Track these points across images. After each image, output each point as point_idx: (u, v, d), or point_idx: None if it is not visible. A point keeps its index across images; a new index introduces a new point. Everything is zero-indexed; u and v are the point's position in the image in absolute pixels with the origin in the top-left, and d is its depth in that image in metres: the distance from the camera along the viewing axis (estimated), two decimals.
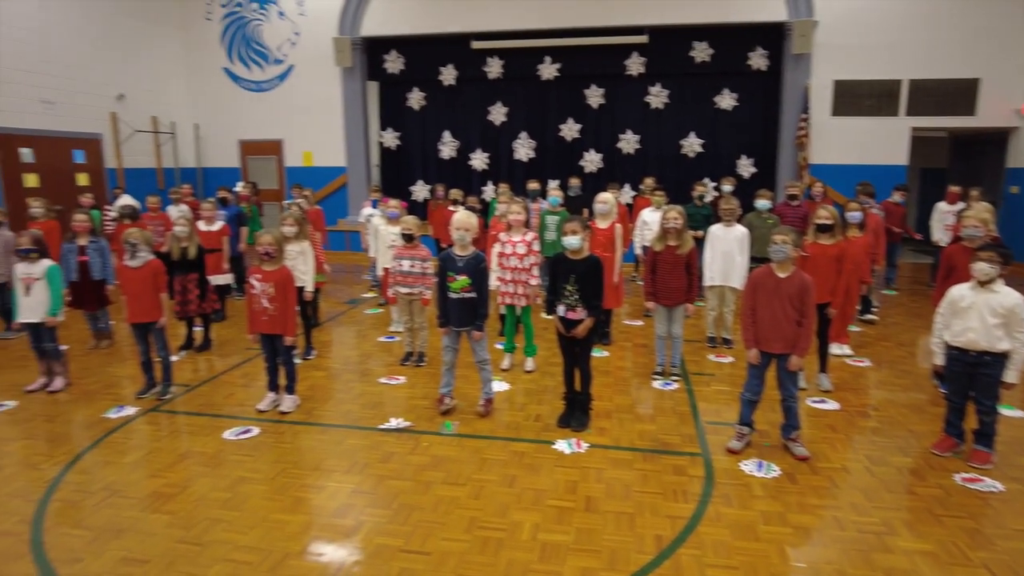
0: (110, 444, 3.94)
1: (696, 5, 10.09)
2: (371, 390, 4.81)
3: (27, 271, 4.68)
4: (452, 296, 4.03)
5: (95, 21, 10.28)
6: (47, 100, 9.48)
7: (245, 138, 12.26)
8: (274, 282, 4.13)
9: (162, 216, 7.81)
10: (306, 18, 11.55)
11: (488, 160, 11.67)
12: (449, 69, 11.42)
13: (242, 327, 6.60)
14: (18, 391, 4.83)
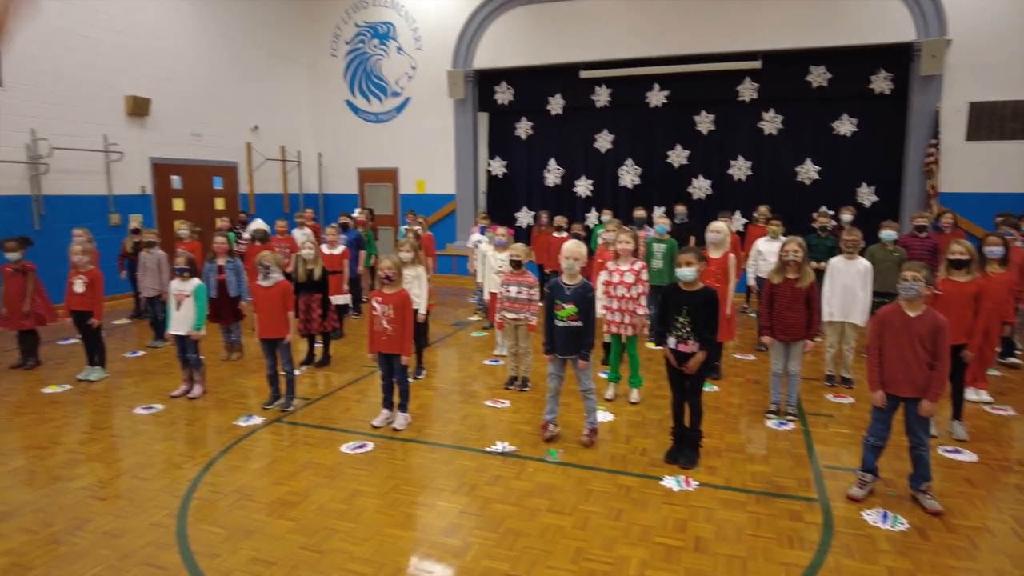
0: (239, 450, 4.26)
1: (813, 29, 9.74)
2: (477, 412, 4.92)
3: (180, 288, 5.19)
4: (559, 324, 4.08)
5: (237, 61, 11.34)
6: (195, 133, 10.55)
7: (363, 166, 13.02)
8: (393, 304, 4.35)
9: (288, 239, 8.43)
10: (423, 53, 12.16)
11: (592, 187, 11.72)
12: (557, 99, 11.62)
13: (357, 345, 7.01)
14: (164, 396, 5.34)
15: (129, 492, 3.66)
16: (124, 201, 9.45)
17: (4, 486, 3.75)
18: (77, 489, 3.71)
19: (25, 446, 4.36)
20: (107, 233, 8.90)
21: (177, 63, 10.19)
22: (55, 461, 4.11)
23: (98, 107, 8.99)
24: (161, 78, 9.89)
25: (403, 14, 12.23)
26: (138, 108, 9.43)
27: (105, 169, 9.15)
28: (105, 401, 5.30)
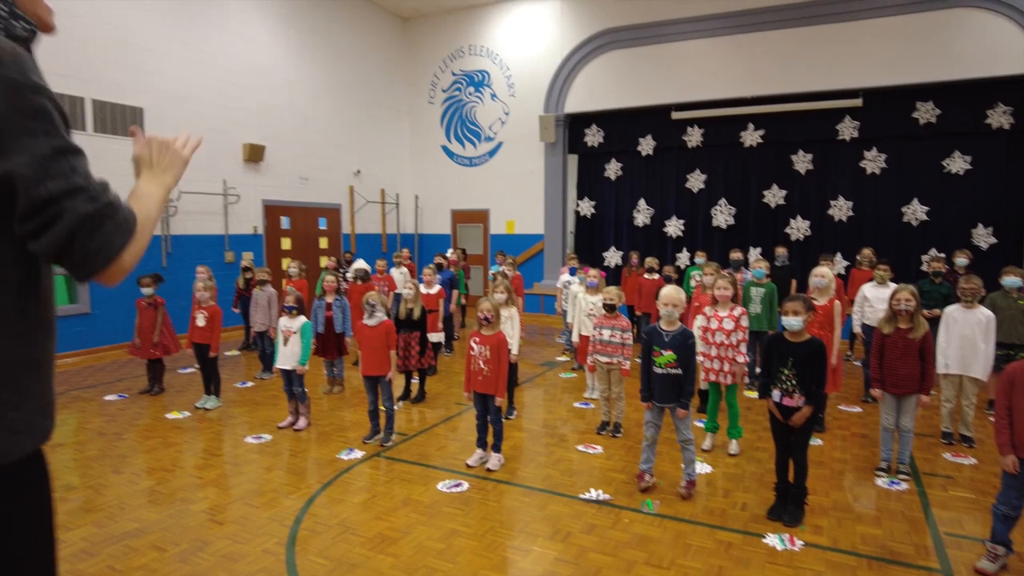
0: (341, 483, 4.45)
1: (920, 64, 9.34)
2: (569, 456, 4.92)
3: (288, 325, 5.53)
4: (657, 371, 4.05)
5: (343, 111, 12.13)
6: (304, 177, 11.30)
7: (456, 207, 13.48)
8: (491, 346, 4.47)
9: (387, 278, 8.81)
10: (515, 99, 12.56)
11: (684, 227, 11.59)
12: (648, 140, 11.66)
13: (449, 382, 7.18)
14: (272, 426, 5.66)
15: (242, 518, 3.89)
16: (238, 240, 10.20)
17: (136, 504, 4.08)
18: (197, 512, 3.98)
19: (152, 468, 4.73)
20: (222, 269, 9.61)
21: (290, 113, 11.01)
22: (178, 484, 4.43)
23: (220, 154, 9.83)
24: (275, 127, 10.71)
25: (498, 62, 12.71)
26: (254, 155, 10.24)
27: (223, 211, 9.94)
28: (219, 429, 5.67)
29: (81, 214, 1.06)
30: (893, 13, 9.46)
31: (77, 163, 1.10)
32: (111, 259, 1.11)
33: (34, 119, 1.06)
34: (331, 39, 11.79)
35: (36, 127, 1.06)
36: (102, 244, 1.09)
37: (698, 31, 10.78)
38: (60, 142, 1.08)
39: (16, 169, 1.03)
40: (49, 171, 1.04)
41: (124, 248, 1.12)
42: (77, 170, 1.09)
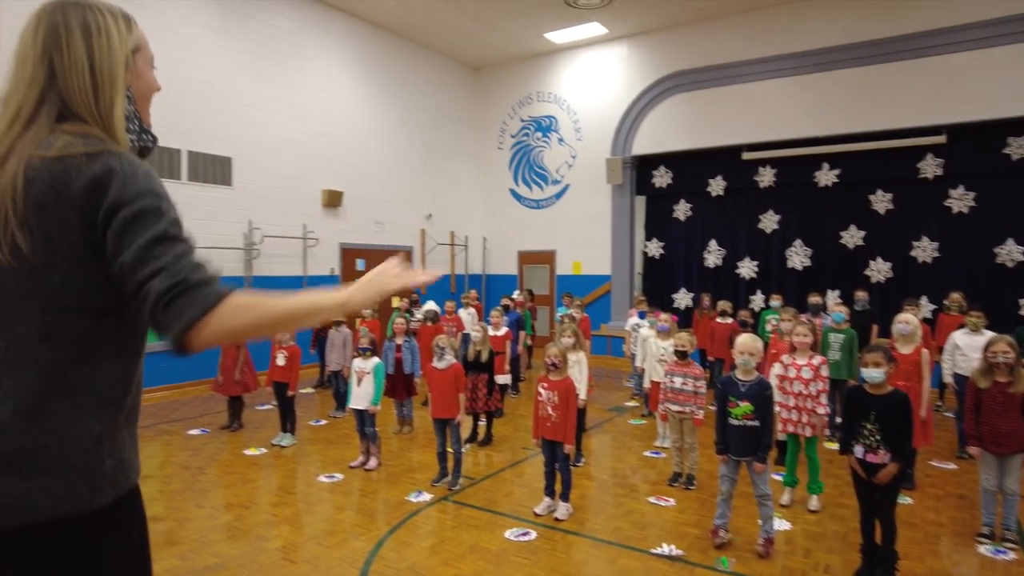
0: (410, 526, 4.47)
1: (1011, 97, 8.89)
2: (640, 508, 4.78)
3: (361, 366, 5.68)
4: (733, 423, 3.92)
5: (416, 157, 12.60)
6: (378, 221, 11.74)
7: (523, 249, 13.63)
8: (558, 391, 4.45)
9: (456, 318, 8.94)
10: (582, 143, 12.72)
11: (757, 268, 11.30)
12: (718, 180, 11.53)
13: (516, 425, 7.16)
14: (343, 465, 5.77)
15: (315, 558, 3.96)
16: (316, 281, 10.62)
17: (215, 539, 4.22)
18: (272, 550, 4.08)
19: (230, 503, 4.90)
20: None
21: (366, 160, 11.52)
22: (254, 520, 4.56)
23: (300, 200, 10.34)
24: (352, 174, 11.21)
25: (565, 108, 12.94)
26: (332, 200, 10.73)
27: (303, 253, 10.40)
28: (293, 467, 5.83)
29: (157, 291, 1.19)
30: (977, 47, 9.10)
31: (173, 247, 1.23)
32: (183, 331, 1.19)
33: (149, 217, 1.23)
34: (406, 90, 12.33)
35: (149, 222, 1.22)
36: (173, 318, 1.19)
37: (768, 72, 10.68)
38: (162, 231, 1.23)
39: (125, 261, 1.21)
40: (145, 257, 1.20)
41: (196, 321, 1.18)
42: (169, 252, 1.22)
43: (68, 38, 1.30)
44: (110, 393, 1.31)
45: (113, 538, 1.32)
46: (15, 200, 1.19)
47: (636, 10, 10.96)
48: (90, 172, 1.21)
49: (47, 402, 1.21)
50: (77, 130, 1.27)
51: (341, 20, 11.05)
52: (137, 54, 1.42)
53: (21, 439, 1.19)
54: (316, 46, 10.65)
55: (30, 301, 1.23)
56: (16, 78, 1.30)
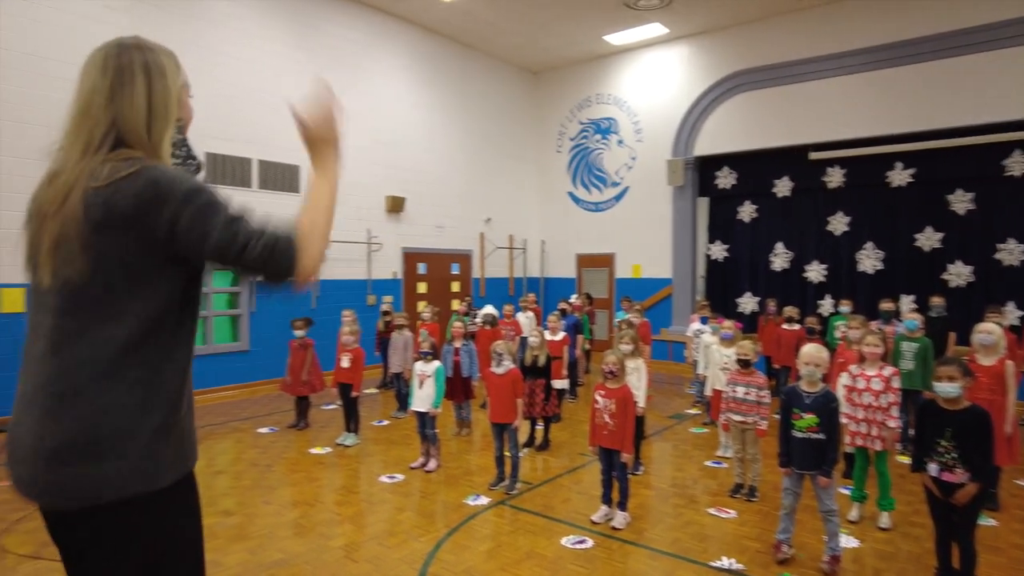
0: (468, 530, 4.53)
1: None
2: (699, 520, 4.70)
3: (423, 369, 5.80)
4: (796, 435, 3.80)
5: (475, 162, 12.75)
6: (439, 225, 11.95)
7: (581, 252, 13.58)
8: (616, 400, 4.42)
9: (514, 322, 9.00)
10: (643, 144, 12.56)
11: (826, 272, 10.90)
12: (784, 181, 11.18)
13: (573, 431, 7.14)
14: (404, 466, 5.90)
15: (375, 558, 4.07)
16: (379, 284, 10.90)
17: (283, 536, 4.40)
18: (335, 548, 4.22)
19: (296, 501, 5.09)
20: (364, 312, 10.27)
21: (428, 166, 11.74)
22: (319, 518, 4.72)
23: (365, 206, 10.64)
24: (414, 180, 11.45)
25: (625, 109, 12.82)
26: (395, 206, 10.98)
27: (367, 258, 10.69)
28: (356, 466, 6.00)
29: (254, 257, 1.43)
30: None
31: (242, 221, 1.45)
32: (291, 273, 1.45)
33: (207, 209, 1.44)
34: (466, 96, 12.50)
35: (211, 213, 1.44)
36: (280, 267, 1.44)
37: (836, 68, 10.29)
38: (227, 215, 1.45)
39: (218, 245, 1.44)
40: (230, 237, 1.43)
41: (295, 260, 1.45)
42: (243, 226, 1.44)
43: (132, 79, 1.50)
44: (167, 389, 1.49)
45: (173, 514, 1.54)
46: (77, 226, 1.39)
47: (697, 10, 10.76)
48: (135, 188, 1.40)
49: (113, 396, 1.41)
50: (123, 156, 1.46)
51: (402, 29, 11.30)
52: (184, 89, 1.64)
53: (95, 430, 1.39)
54: (379, 56, 10.93)
55: (98, 312, 1.42)
56: (85, 112, 1.48)
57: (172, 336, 1.51)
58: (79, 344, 1.41)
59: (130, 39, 1.57)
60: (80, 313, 1.42)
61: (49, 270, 1.43)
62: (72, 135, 1.49)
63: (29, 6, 7.14)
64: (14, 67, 7.06)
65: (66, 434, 1.37)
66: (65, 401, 1.39)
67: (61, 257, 1.40)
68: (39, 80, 7.19)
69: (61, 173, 1.46)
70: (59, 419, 1.38)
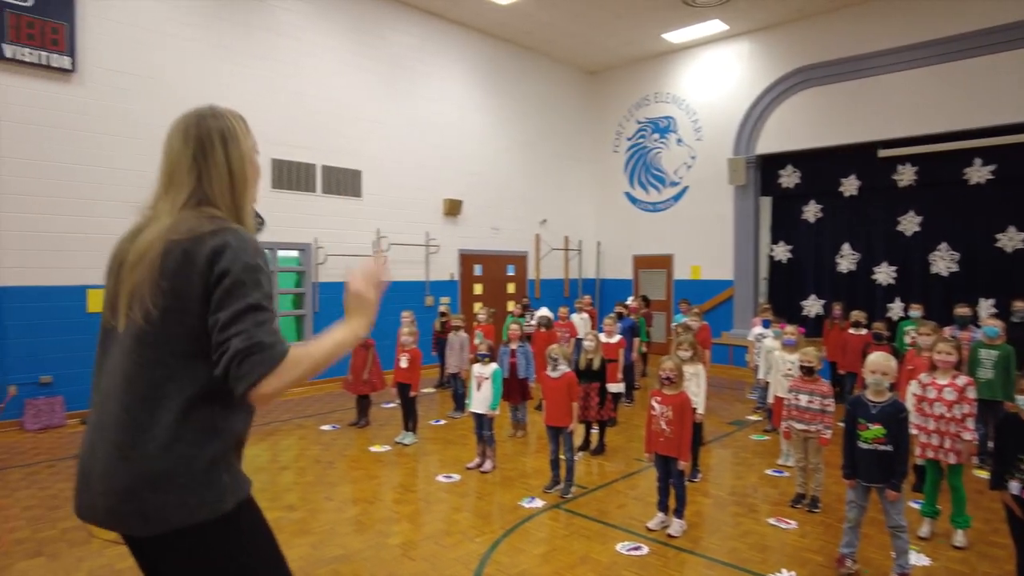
0: (523, 532, 4.56)
1: None
2: (758, 530, 4.59)
3: (480, 371, 5.88)
4: (862, 446, 3.67)
5: (532, 164, 12.80)
6: (495, 227, 12.06)
7: (638, 253, 13.43)
8: (673, 406, 4.37)
9: (569, 324, 8.99)
10: (702, 143, 12.33)
11: (896, 274, 10.44)
12: (851, 180, 10.78)
13: (630, 435, 7.09)
14: (460, 466, 5.99)
15: (432, 557, 4.15)
16: (437, 286, 11.08)
17: (344, 532, 4.54)
18: (393, 545, 4.33)
19: (356, 498, 5.23)
20: (422, 312, 10.45)
21: (484, 169, 11.86)
22: (378, 515, 4.85)
23: (423, 209, 10.84)
24: (470, 182, 11.59)
25: (684, 107, 12.61)
26: (452, 208, 11.15)
27: (425, 259, 10.89)
28: (414, 465, 6.12)
29: (234, 349, 1.47)
30: None
31: (260, 316, 1.51)
32: (250, 386, 1.47)
33: (249, 287, 1.53)
34: (522, 98, 12.56)
35: (246, 292, 1.52)
36: (244, 374, 1.47)
37: (908, 61, 9.84)
38: (255, 301, 1.52)
39: (219, 319, 1.50)
40: (234, 319, 1.49)
41: (262, 378, 1.46)
42: (254, 319, 1.50)
43: (211, 147, 1.65)
44: (224, 423, 1.60)
45: (239, 534, 1.64)
46: (153, 274, 1.52)
47: (758, 5, 10.49)
48: (211, 244, 1.53)
49: (177, 433, 1.52)
50: (205, 214, 1.60)
51: (459, 34, 11.45)
52: (253, 148, 1.76)
53: (162, 464, 1.51)
54: (437, 61, 11.11)
55: (165, 350, 1.54)
56: (171, 177, 1.65)
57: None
58: (143, 388, 1.54)
59: (207, 109, 1.71)
60: (149, 348, 1.55)
61: (124, 314, 1.56)
62: (161, 197, 1.65)
63: (110, 24, 7.59)
64: (97, 82, 7.52)
65: (136, 471, 1.50)
66: (134, 441, 1.51)
67: (135, 304, 1.53)
68: (121, 95, 7.63)
69: (145, 230, 1.60)
70: (129, 457, 1.51)
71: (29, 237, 7.11)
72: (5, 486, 5.37)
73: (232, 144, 1.67)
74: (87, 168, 7.44)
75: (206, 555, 1.58)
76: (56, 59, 7.16)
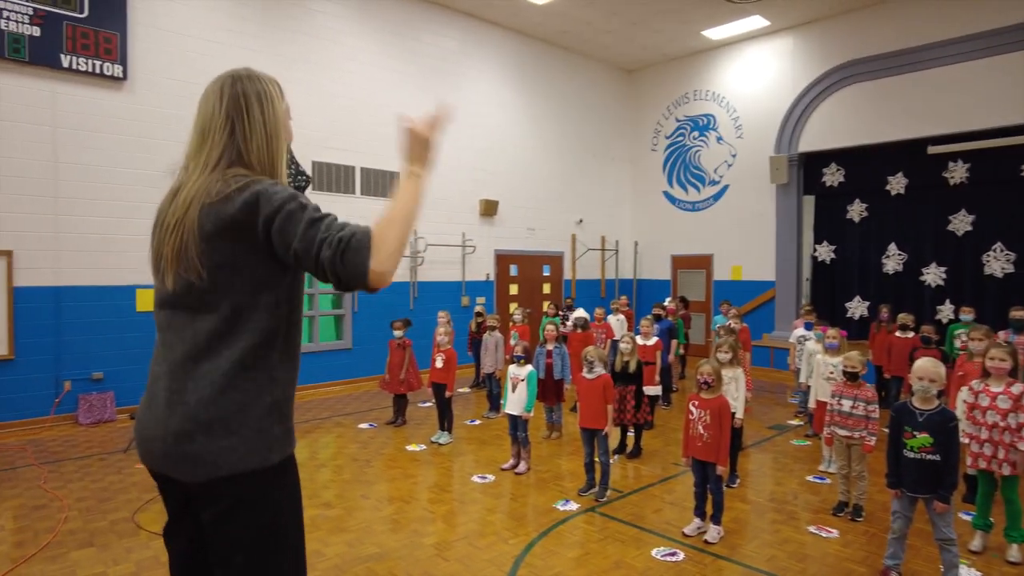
0: (557, 535, 4.55)
1: None
2: (798, 538, 4.48)
3: (516, 373, 5.88)
4: (908, 455, 3.55)
5: (568, 164, 12.74)
6: (531, 228, 12.05)
7: (677, 253, 13.25)
8: (711, 410, 4.30)
9: (605, 325, 8.93)
10: (743, 141, 12.10)
11: (945, 275, 10.08)
12: (898, 178, 10.44)
13: (666, 439, 7.00)
14: (495, 467, 6.00)
15: (466, 557, 4.17)
16: (472, 286, 11.13)
17: (380, 530, 4.59)
18: (427, 545, 4.36)
19: (392, 497, 5.29)
20: (458, 312, 10.54)
21: (520, 169, 11.86)
22: (413, 515, 4.90)
23: (460, 210, 10.90)
24: (507, 183, 11.61)
25: (724, 105, 12.40)
26: (488, 209, 11.18)
27: (461, 260, 10.95)
28: (449, 465, 6.16)
29: (328, 258, 1.50)
30: None
31: (324, 222, 1.56)
32: (364, 275, 1.49)
33: (296, 213, 1.57)
34: (558, 97, 12.52)
35: (298, 216, 1.56)
36: (351, 268, 1.49)
37: (959, 54, 9.47)
38: (309, 218, 1.56)
39: (297, 249, 1.55)
40: (310, 241, 1.53)
41: (367, 262, 1.49)
42: (325, 227, 1.54)
43: (247, 106, 1.69)
44: (279, 373, 1.67)
45: (280, 490, 1.68)
46: (193, 237, 1.58)
47: (800, 0, 10.26)
48: (241, 198, 1.58)
49: (234, 380, 1.59)
50: (231, 174, 1.63)
51: (497, 34, 11.47)
52: (286, 112, 1.81)
53: (217, 409, 1.57)
54: (475, 62, 11.15)
55: (218, 305, 1.60)
56: (204, 136, 1.68)
57: (285, 333, 1.68)
58: (200, 338, 1.60)
59: (243, 70, 1.74)
60: (200, 313, 1.61)
61: (172, 276, 1.62)
62: (193, 156, 1.69)
63: (158, 33, 7.84)
64: (146, 89, 7.77)
65: (190, 414, 1.56)
66: (190, 387, 1.58)
67: (181, 265, 1.59)
68: (168, 101, 7.87)
69: (182, 189, 1.65)
70: (185, 401, 1.57)
71: (83, 239, 7.40)
72: (60, 477, 5.60)
73: (268, 105, 1.72)
74: (136, 172, 7.70)
75: (249, 506, 1.61)
76: (109, 67, 7.42)
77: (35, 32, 6.97)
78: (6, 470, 5.80)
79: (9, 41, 6.83)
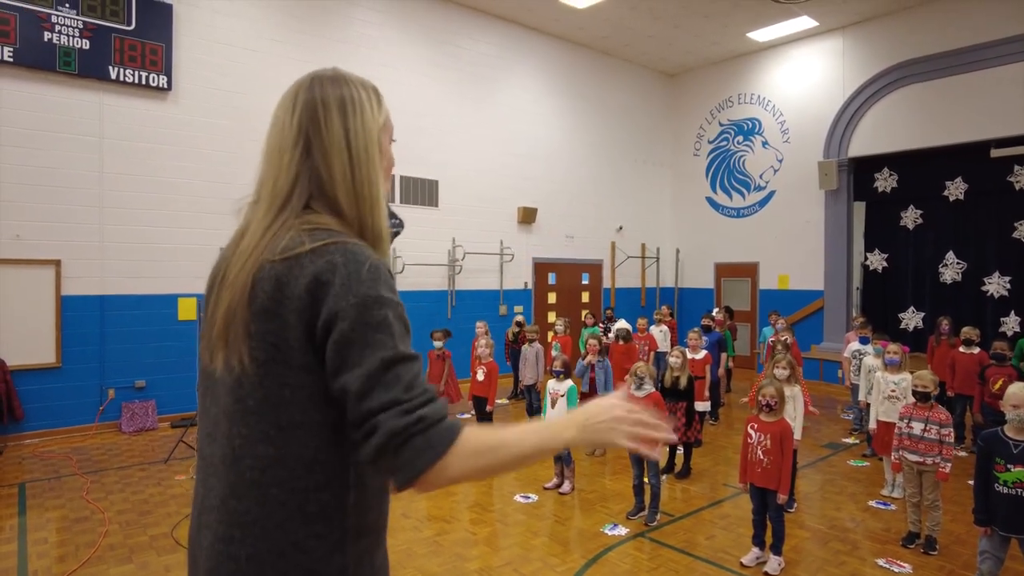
0: (606, 563, 4.33)
1: None
2: (865, 571, 4.18)
3: (555, 388, 5.68)
4: (1000, 489, 3.25)
5: (608, 170, 12.51)
6: (569, 235, 11.84)
7: (720, 261, 12.88)
8: (772, 435, 4.05)
9: (648, 336, 8.67)
10: (790, 145, 11.71)
11: (1009, 285, 9.55)
12: (957, 183, 9.95)
13: (716, 457, 6.72)
14: (538, 486, 5.81)
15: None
16: (510, 295, 10.97)
17: (421, 553, 4.44)
18: (471, 571, 4.18)
19: (433, 517, 5.13)
20: (496, 321, 10.38)
21: (559, 176, 11.68)
22: (455, 537, 4.73)
23: (498, 217, 10.76)
24: (546, 190, 11.43)
25: (770, 109, 12.03)
26: (527, 217, 11.01)
27: (499, 268, 10.80)
28: (490, 481, 5.98)
29: (388, 430, 1.05)
30: None
31: (404, 372, 1.09)
32: (413, 478, 1.06)
33: (375, 332, 1.09)
34: (598, 103, 12.31)
35: (374, 340, 1.09)
36: (404, 463, 1.06)
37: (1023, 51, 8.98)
38: (391, 353, 1.09)
39: (349, 386, 1.08)
40: (374, 386, 1.07)
41: (430, 466, 1.06)
42: (401, 380, 1.08)
43: (327, 117, 1.22)
44: (355, 520, 1.19)
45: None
46: (243, 307, 1.13)
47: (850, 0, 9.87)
48: (312, 269, 1.10)
49: (291, 535, 1.14)
50: (309, 224, 1.17)
51: (536, 40, 11.32)
52: (384, 131, 1.33)
53: (273, 571, 1.13)
54: (514, 68, 11.01)
55: (265, 417, 1.13)
56: (269, 160, 1.23)
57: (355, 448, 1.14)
58: (251, 457, 1.14)
59: (328, 71, 1.31)
60: (251, 415, 1.14)
61: (221, 355, 1.16)
62: (259, 186, 1.25)
63: (202, 43, 7.88)
64: (190, 99, 7.81)
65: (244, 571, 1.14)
66: (242, 535, 1.14)
67: (229, 341, 1.14)
68: (211, 111, 7.90)
69: (245, 233, 1.22)
70: (235, 556, 1.14)
71: (127, 248, 7.45)
72: (102, 488, 5.59)
73: (354, 116, 1.24)
74: (177, 182, 7.74)
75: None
76: (154, 78, 7.48)
77: (84, 45, 7.06)
78: (52, 479, 5.82)
79: (60, 55, 6.92)
